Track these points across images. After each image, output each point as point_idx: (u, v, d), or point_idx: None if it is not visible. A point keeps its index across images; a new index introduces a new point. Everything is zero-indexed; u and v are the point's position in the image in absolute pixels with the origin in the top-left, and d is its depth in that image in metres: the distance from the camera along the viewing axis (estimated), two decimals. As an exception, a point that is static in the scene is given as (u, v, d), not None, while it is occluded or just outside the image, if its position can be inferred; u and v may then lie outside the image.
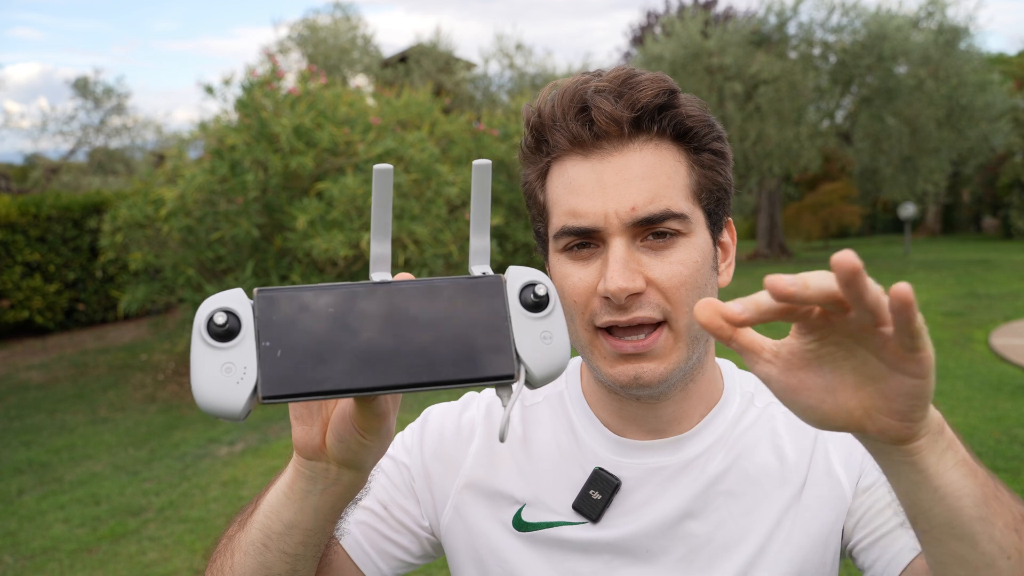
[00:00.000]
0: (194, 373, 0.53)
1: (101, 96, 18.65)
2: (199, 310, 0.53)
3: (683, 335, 0.76)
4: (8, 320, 11.02)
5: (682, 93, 0.78)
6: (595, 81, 0.76)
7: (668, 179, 0.75)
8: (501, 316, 0.58)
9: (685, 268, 0.75)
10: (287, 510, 0.68)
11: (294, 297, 0.54)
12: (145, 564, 3.94)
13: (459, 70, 18.61)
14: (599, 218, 0.74)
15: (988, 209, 25.21)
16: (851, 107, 17.36)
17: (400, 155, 8.12)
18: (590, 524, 0.83)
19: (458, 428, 0.92)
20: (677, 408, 0.84)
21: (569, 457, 0.86)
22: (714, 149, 0.79)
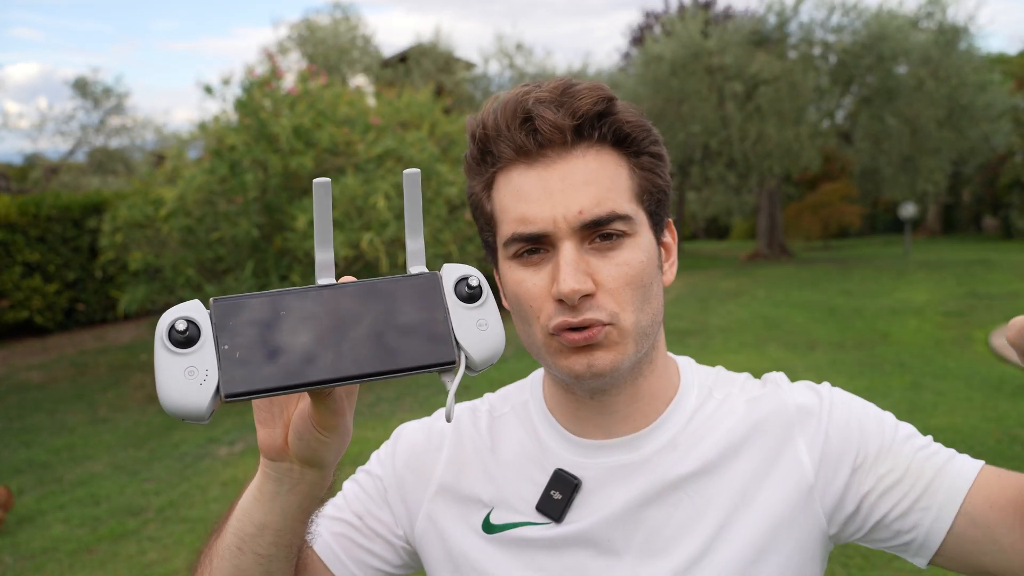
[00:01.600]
0: (158, 379, 0.56)
1: (100, 96, 18.65)
2: (160, 320, 0.57)
3: (629, 331, 0.78)
4: (8, 320, 11.02)
5: (619, 100, 0.81)
6: (535, 92, 0.78)
7: (611, 182, 0.78)
8: (439, 308, 0.63)
9: (631, 268, 0.78)
10: (257, 512, 0.72)
11: (248, 303, 0.59)
12: (145, 564, 3.94)
13: (459, 70, 18.61)
14: (548, 223, 0.77)
15: (988, 209, 25.21)
16: (851, 107, 17.37)
17: (400, 155, 8.12)
18: (553, 524, 0.85)
19: (428, 438, 0.95)
20: (629, 405, 0.86)
21: (533, 460, 0.89)
22: (652, 152, 0.82)
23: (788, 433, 0.85)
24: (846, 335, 8.38)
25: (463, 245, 8.81)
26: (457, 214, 8.96)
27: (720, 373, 0.93)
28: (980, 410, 5.58)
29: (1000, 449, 4.78)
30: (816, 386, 0.89)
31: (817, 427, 0.84)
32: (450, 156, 9.85)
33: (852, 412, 0.85)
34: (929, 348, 7.68)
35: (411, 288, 0.63)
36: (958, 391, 6.09)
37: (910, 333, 8.44)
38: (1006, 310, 9.57)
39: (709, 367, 0.95)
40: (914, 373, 6.68)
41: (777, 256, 18.22)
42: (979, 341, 7.97)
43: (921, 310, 9.76)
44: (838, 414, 0.85)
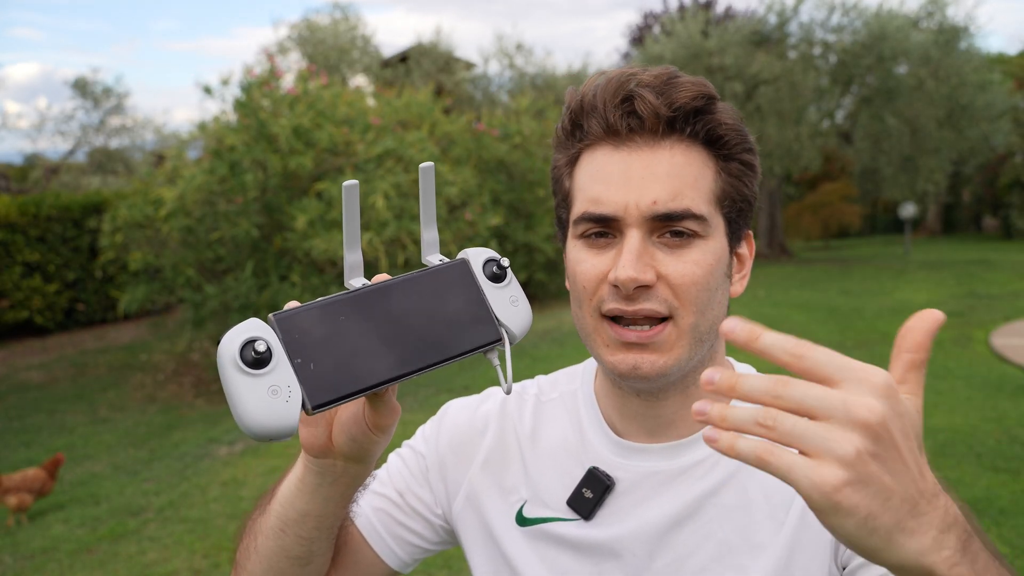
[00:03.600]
0: (241, 403, 0.56)
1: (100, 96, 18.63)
2: (225, 344, 0.57)
3: (687, 333, 0.76)
4: (8, 320, 11.02)
5: (720, 101, 0.79)
6: (640, 75, 0.77)
7: (693, 180, 0.76)
8: (476, 292, 0.68)
9: (698, 268, 0.76)
10: (300, 501, 0.77)
11: (307, 315, 0.61)
12: (145, 564, 3.94)
13: (459, 70, 18.60)
14: (619, 207, 0.75)
15: (988, 209, 25.20)
16: (851, 107, 17.36)
17: (400, 155, 8.11)
18: (582, 521, 0.85)
19: (473, 421, 0.95)
20: (676, 410, 0.83)
21: (572, 454, 0.88)
22: (743, 160, 0.80)
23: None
24: (846, 335, 8.38)
25: (463, 245, 8.81)
26: (457, 214, 8.95)
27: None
28: (980, 410, 5.57)
29: (1000, 449, 4.78)
30: None
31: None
32: (450, 156, 9.84)
33: None
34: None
35: (447, 277, 0.67)
36: (958, 391, 6.09)
37: (910, 333, 8.43)
38: (1006, 310, 9.57)
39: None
40: (914, 373, 6.67)
41: (777, 256, 18.22)
42: (979, 341, 7.97)
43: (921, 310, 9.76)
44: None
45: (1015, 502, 4.04)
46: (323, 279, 7.36)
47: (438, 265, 0.68)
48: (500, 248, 10.06)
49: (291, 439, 0.61)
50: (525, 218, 11.02)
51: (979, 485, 4.26)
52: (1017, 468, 4.48)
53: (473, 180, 9.35)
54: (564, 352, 7.66)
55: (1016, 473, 4.42)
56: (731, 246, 0.81)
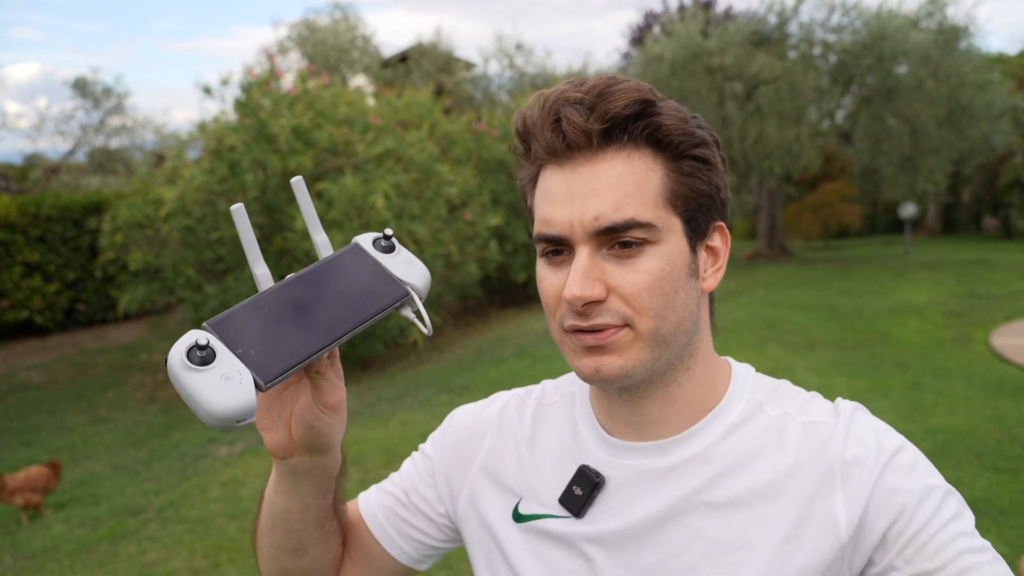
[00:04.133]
0: (200, 397, 0.62)
1: (100, 96, 18.63)
2: (172, 355, 0.63)
3: (646, 336, 0.77)
4: (8, 320, 11.02)
5: (662, 101, 0.79)
6: (573, 91, 0.77)
7: (635, 188, 0.76)
8: (373, 264, 0.78)
9: (649, 276, 0.76)
10: (280, 499, 0.85)
11: (236, 314, 0.69)
12: (145, 564, 3.94)
13: (459, 70, 18.61)
14: (565, 227, 0.77)
15: (988, 209, 25.22)
16: (851, 107, 17.36)
17: (400, 155, 8.11)
18: (573, 518, 0.87)
19: (476, 425, 0.99)
20: (660, 410, 0.84)
21: (567, 454, 0.91)
22: (695, 156, 0.79)
23: (830, 484, 0.79)
24: (846, 335, 8.38)
25: (463, 245, 8.81)
26: (457, 214, 8.95)
27: (780, 387, 0.89)
28: (980, 410, 5.57)
29: (1000, 449, 4.78)
30: (886, 438, 0.81)
31: (864, 484, 0.78)
32: (450, 156, 9.85)
33: (909, 480, 0.77)
34: (929, 348, 7.68)
35: (347, 260, 0.77)
36: (958, 391, 6.09)
37: (910, 333, 8.44)
38: (1006, 310, 9.57)
39: (771, 379, 0.91)
40: (914, 373, 6.68)
41: (777, 256, 18.22)
42: (979, 341, 7.97)
43: (921, 310, 9.77)
44: (890, 476, 0.78)
45: (1015, 502, 4.04)
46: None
47: (335, 253, 0.77)
48: (500, 248, 10.06)
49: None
50: (525, 218, 10.98)
51: (979, 485, 4.26)
52: (1017, 468, 4.48)
53: (473, 180, 9.35)
54: (564, 352, 7.66)
55: (1016, 473, 4.42)
56: (693, 244, 0.80)
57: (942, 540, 0.74)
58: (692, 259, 0.80)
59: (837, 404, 0.85)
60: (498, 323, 10.19)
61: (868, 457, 0.78)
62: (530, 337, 8.67)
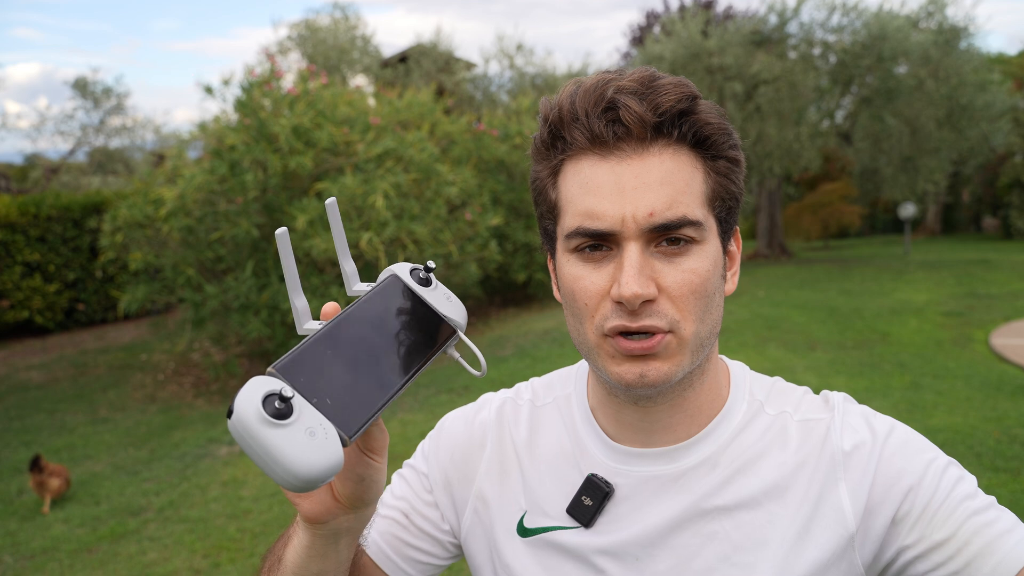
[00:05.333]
0: (281, 455, 0.55)
1: (100, 96, 18.63)
2: (243, 406, 0.55)
3: (688, 342, 0.76)
4: (8, 320, 11.02)
5: (702, 100, 0.77)
6: (618, 80, 0.75)
7: (685, 185, 0.74)
8: (416, 300, 0.74)
9: (696, 276, 0.75)
10: (314, 564, 0.76)
11: (300, 358, 0.62)
12: (145, 564, 3.94)
13: (459, 70, 18.60)
14: (616, 221, 0.74)
15: (988, 209, 25.22)
16: (851, 107, 17.36)
17: (400, 155, 8.11)
18: (583, 529, 0.84)
19: (471, 435, 0.95)
20: (671, 416, 0.83)
21: (569, 461, 0.88)
22: (730, 157, 0.78)
23: (833, 476, 0.80)
24: (846, 335, 8.38)
25: (463, 245, 8.81)
26: (457, 214, 8.95)
27: (775, 385, 0.89)
28: (980, 410, 5.57)
29: (1000, 449, 4.78)
30: (876, 421, 0.82)
31: (864, 471, 0.79)
32: (450, 156, 9.85)
33: (906, 459, 0.79)
34: (929, 348, 7.68)
35: (388, 295, 0.73)
36: (958, 391, 6.09)
37: (910, 333, 8.43)
38: (1006, 310, 9.57)
39: (765, 377, 0.90)
40: (914, 373, 6.68)
41: (777, 256, 18.22)
42: (979, 341, 7.97)
43: (921, 310, 9.76)
44: (888, 459, 0.79)
45: (1015, 502, 4.04)
46: (323, 279, 7.36)
47: (376, 286, 0.73)
48: (500, 248, 10.05)
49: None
50: (525, 218, 11.02)
51: (979, 485, 4.26)
52: (1017, 468, 4.48)
53: (473, 180, 9.35)
54: (564, 352, 7.67)
55: (1016, 473, 4.42)
56: (723, 245, 0.80)
57: (949, 508, 0.77)
58: (723, 261, 0.80)
59: (826, 397, 0.86)
60: (498, 323, 10.19)
61: (864, 444, 0.80)
62: (530, 337, 8.67)
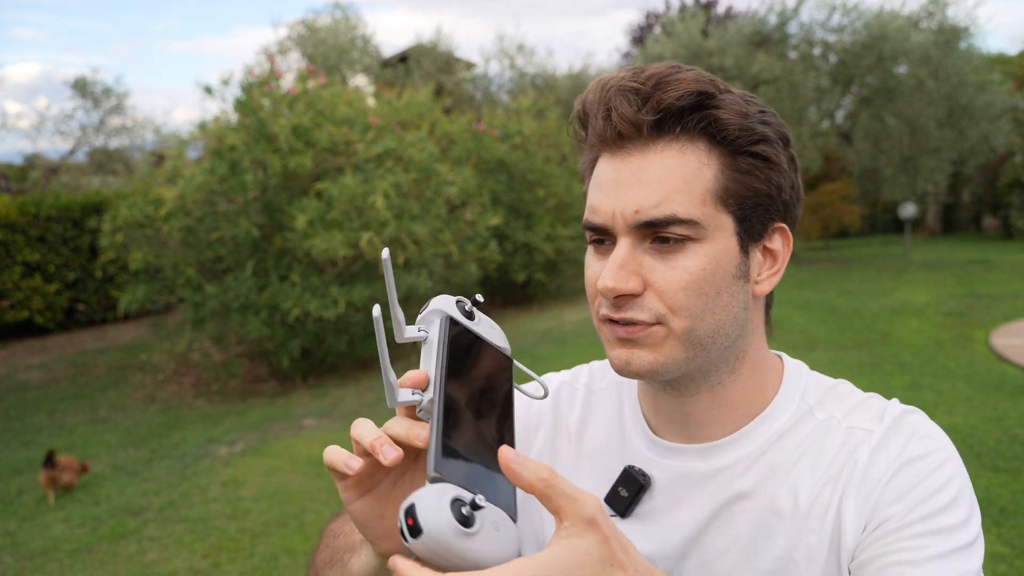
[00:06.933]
0: (484, 559, 0.54)
1: (100, 96, 18.62)
2: (432, 520, 0.53)
3: (680, 336, 0.75)
4: (8, 320, 11.02)
5: (724, 93, 0.76)
6: (630, 80, 0.75)
7: (684, 183, 0.74)
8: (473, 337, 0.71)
9: (687, 274, 0.74)
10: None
11: (444, 451, 0.60)
12: (145, 564, 3.94)
13: (459, 70, 18.60)
14: (608, 216, 0.76)
15: (988, 209, 25.20)
16: (851, 107, 17.35)
17: (400, 155, 8.11)
18: (619, 519, 0.86)
19: (527, 417, 0.97)
20: (705, 411, 0.83)
21: (614, 449, 0.90)
22: (753, 152, 0.75)
23: (848, 491, 0.76)
24: (846, 335, 8.38)
25: (463, 245, 8.81)
26: (457, 214, 8.95)
27: (835, 388, 0.85)
28: (980, 410, 5.57)
29: (1000, 449, 4.78)
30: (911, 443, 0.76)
31: (871, 491, 0.75)
32: (450, 156, 9.84)
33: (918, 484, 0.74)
34: (929, 348, 7.68)
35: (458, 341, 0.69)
36: (958, 391, 6.09)
37: (910, 333, 8.43)
38: (1006, 310, 9.57)
39: (826, 379, 0.87)
40: (914, 373, 6.68)
41: (777, 256, 18.17)
42: (979, 341, 7.97)
43: (921, 310, 9.76)
44: (896, 484, 0.75)
45: (1015, 502, 4.04)
46: (323, 279, 7.36)
47: (435, 333, 0.69)
48: (500, 248, 10.05)
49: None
50: (525, 218, 11.02)
51: (979, 485, 4.26)
52: (1017, 468, 4.48)
53: (473, 180, 9.35)
54: (564, 352, 7.66)
55: (1016, 473, 4.42)
56: (744, 245, 0.77)
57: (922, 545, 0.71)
58: (742, 260, 0.77)
59: (886, 408, 0.80)
60: (498, 323, 10.18)
61: (888, 464, 0.75)
62: (530, 337, 8.67)
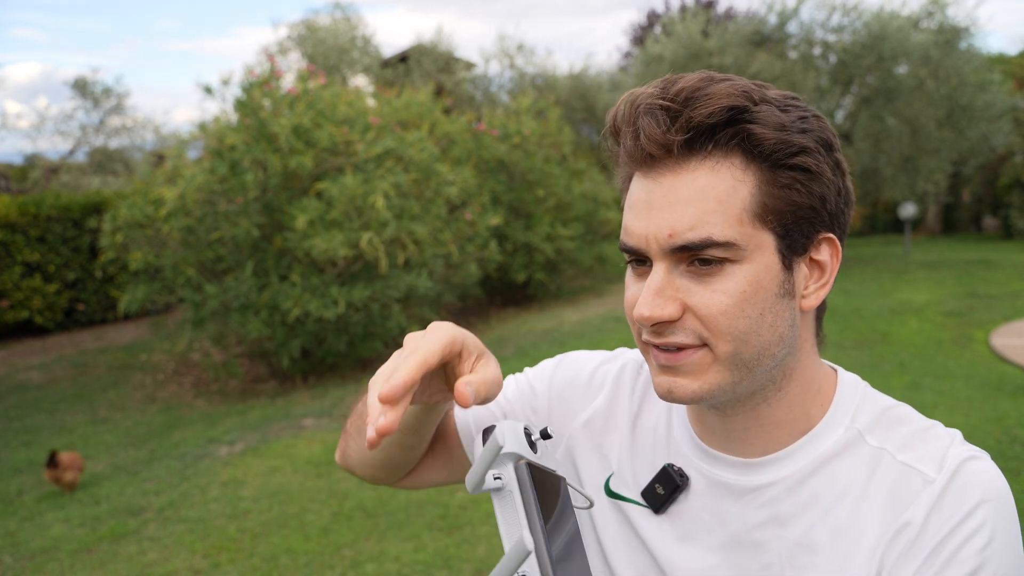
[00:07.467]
0: None
1: (100, 96, 18.62)
2: None
3: (724, 360, 0.73)
4: (8, 320, 11.02)
5: (760, 104, 0.72)
6: (659, 96, 0.72)
7: (718, 203, 0.70)
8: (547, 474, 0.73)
9: (727, 297, 0.71)
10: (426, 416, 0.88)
11: None
12: (145, 564, 3.94)
13: (459, 70, 18.60)
14: (641, 240, 0.73)
15: (988, 209, 25.21)
16: (851, 107, 17.36)
17: (400, 155, 8.11)
18: (652, 513, 0.86)
19: (591, 376, 0.97)
20: (747, 429, 0.81)
21: (659, 445, 0.89)
22: (794, 165, 0.72)
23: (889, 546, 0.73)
24: (846, 335, 8.38)
25: (463, 245, 8.81)
26: (457, 214, 8.95)
27: (891, 411, 0.80)
28: (980, 410, 5.58)
29: (1000, 449, 4.78)
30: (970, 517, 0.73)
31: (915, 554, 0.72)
32: (450, 156, 9.85)
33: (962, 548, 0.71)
34: (929, 348, 7.68)
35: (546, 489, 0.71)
36: (958, 391, 6.09)
37: (910, 333, 8.43)
38: (1006, 310, 9.57)
39: (885, 400, 0.82)
40: (914, 373, 6.68)
41: (777, 256, 18.19)
42: (979, 341, 7.97)
43: (921, 310, 9.76)
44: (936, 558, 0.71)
45: (1015, 502, 4.04)
46: (323, 279, 7.36)
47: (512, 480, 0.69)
48: (500, 248, 10.05)
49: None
50: (525, 218, 11.02)
51: (979, 485, 4.26)
52: (1017, 468, 4.48)
53: (473, 180, 9.35)
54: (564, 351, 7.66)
55: (1016, 473, 4.42)
56: (788, 261, 0.74)
57: None
58: (786, 277, 0.74)
59: (946, 452, 0.75)
60: (498, 323, 10.19)
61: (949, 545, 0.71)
62: (530, 337, 8.67)
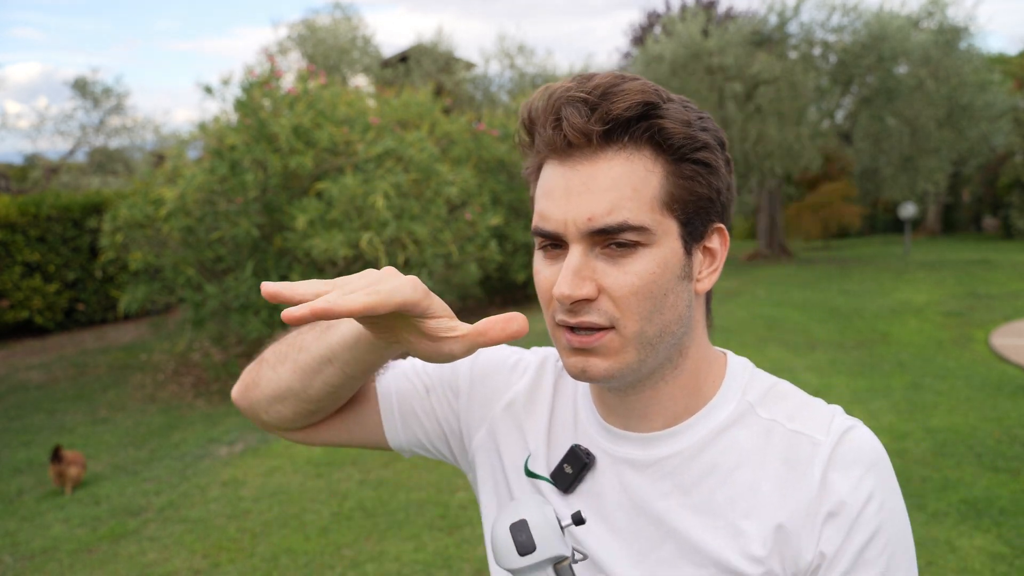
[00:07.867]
0: None
1: (100, 96, 18.62)
2: None
3: (632, 340, 0.78)
4: (8, 320, 11.02)
5: (667, 103, 0.78)
6: (577, 89, 0.77)
7: (632, 191, 0.76)
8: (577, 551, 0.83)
9: (638, 279, 0.77)
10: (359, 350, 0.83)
11: None
12: (145, 564, 3.94)
13: (459, 70, 18.60)
14: (560, 224, 0.78)
15: (988, 209, 25.22)
16: (851, 107, 17.37)
17: (400, 155, 8.11)
18: (562, 493, 0.90)
19: (516, 364, 1.01)
20: (646, 406, 0.86)
21: (569, 428, 0.94)
22: (696, 159, 0.78)
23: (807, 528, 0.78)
24: (846, 335, 8.38)
25: (463, 245, 8.81)
26: (457, 214, 8.95)
27: (776, 387, 0.88)
28: (980, 410, 5.58)
29: (1000, 449, 4.78)
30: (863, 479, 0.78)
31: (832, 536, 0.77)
32: (450, 156, 9.84)
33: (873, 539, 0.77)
34: (929, 348, 7.68)
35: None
36: (958, 391, 6.09)
37: (910, 333, 8.43)
38: (1006, 310, 9.57)
39: (768, 377, 0.89)
40: (914, 373, 6.68)
41: (777, 256, 18.22)
42: (979, 341, 7.97)
43: (921, 310, 9.76)
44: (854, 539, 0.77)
45: (1015, 502, 4.04)
46: (322, 279, 7.35)
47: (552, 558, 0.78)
48: (500, 248, 10.05)
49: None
50: (525, 218, 11.02)
51: (979, 485, 4.26)
52: (1017, 468, 4.48)
53: (473, 180, 9.35)
54: (564, 352, 7.66)
55: (1016, 473, 4.42)
56: (688, 246, 0.80)
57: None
58: (686, 261, 0.80)
59: (831, 420, 0.82)
60: (498, 323, 10.18)
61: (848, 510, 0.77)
62: (530, 337, 8.66)
